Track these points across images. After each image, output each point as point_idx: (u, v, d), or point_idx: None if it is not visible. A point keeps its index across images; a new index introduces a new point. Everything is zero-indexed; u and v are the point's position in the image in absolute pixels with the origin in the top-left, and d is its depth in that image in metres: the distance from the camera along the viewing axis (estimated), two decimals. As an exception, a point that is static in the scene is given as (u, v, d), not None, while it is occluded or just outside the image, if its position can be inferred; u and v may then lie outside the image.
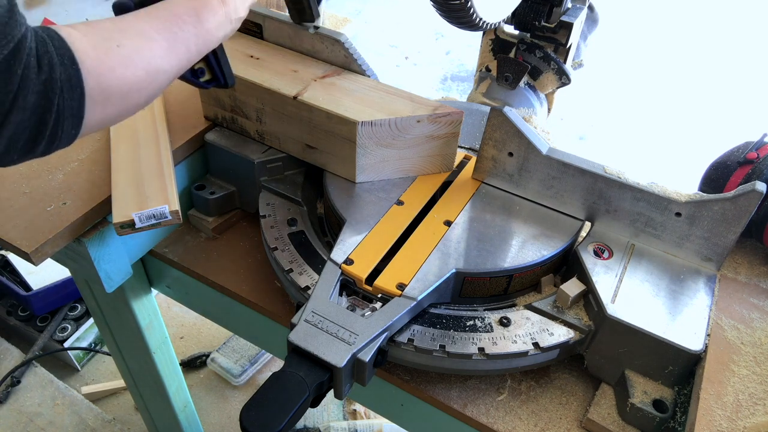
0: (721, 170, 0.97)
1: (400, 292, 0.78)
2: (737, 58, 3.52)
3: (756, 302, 0.86)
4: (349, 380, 0.74)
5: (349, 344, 0.72)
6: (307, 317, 0.75)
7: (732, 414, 0.71)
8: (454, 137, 0.95)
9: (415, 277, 0.80)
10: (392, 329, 0.76)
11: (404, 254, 0.84)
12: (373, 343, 0.73)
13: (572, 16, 0.99)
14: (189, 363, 2.03)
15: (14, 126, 0.55)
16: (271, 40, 1.07)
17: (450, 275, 0.81)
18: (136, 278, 1.10)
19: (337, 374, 0.71)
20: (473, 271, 0.82)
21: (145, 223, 0.90)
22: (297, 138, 0.99)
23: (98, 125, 0.63)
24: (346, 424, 1.85)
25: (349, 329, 0.74)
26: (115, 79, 0.61)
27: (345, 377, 0.72)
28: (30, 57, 0.54)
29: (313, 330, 0.74)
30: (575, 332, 0.80)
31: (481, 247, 0.85)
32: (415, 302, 0.77)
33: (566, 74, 1.06)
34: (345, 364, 0.70)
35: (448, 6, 0.84)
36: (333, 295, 0.79)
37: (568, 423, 0.82)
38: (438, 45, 3.61)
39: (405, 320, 0.78)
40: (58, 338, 1.97)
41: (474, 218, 0.90)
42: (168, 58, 0.66)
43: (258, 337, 1.11)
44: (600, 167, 0.86)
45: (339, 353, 0.71)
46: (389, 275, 0.81)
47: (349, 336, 0.73)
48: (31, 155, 0.60)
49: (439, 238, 0.86)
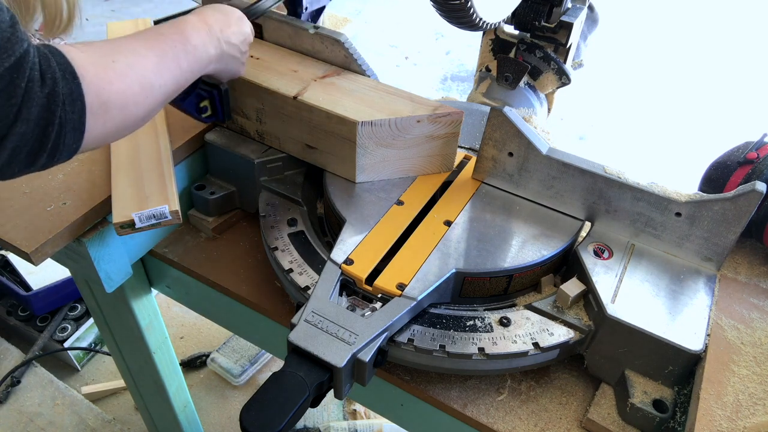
0: (721, 170, 0.97)
1: (400, 292, 0.78)
2: (737, 58, 3.53)
3: (756, 302, 0.86)
4: (349, 380, 0.74)
5: (349, 344, 0.72)
6: (307, 317, 0.75)
7: (732, 414, 0.71)
8: (454, 137, 0.95)
9: (415, 277, 0.80)
10: (392, 329, 0.76)
11: (404, 254, 0.84)
12: (373, 343, 0.73)
13: (572, 16, 0.99)
14: (189, 363, 2.03)
15: (18, 137, 0.57)
16: (271, 40, 1.07)
17: (450, 275, 0.81)
18: (136, 278, 1.10)
19: (337, 374, 0.71)
20: (473, 271, 0.82)
21: (145, 223, 0.90)
22: (297, 138, 0.99)
23: (98, 140, 0.66)
24: (346, 424, 1.85)
25: (349, 329, 0.74)
26: (114, 92, 0.64)
27: (345, 377, 0.72)
28: (33, 71, 0.56)
29: (313, 330, 0.74)
30: (575, 332, 0.80)
31: (481, 247, 0.85)
32: (415, 302, 0.77)
33: (566, 74, 1.06)
34: (345, 364, 0.70)
35: (448, 6, 0.84)
36: (333, 295, 0.79)
37: (568, 423, 0.82)
38: (438, 45, 3.61)
39: (405, 320, 0.78)
40: (58, 338, 1.97)
41: (474, 218, 0.90)
42: (160, 72, 0.71)
43: (258, 337, 1.11)
44: (600, 167, 0.86)
45: (339, 353, 0.71)
46: (389, 275, 0.81)
47: (349, 336, 0.73)
48: (33, 168, 0.62)
49: (439, 238, 0.86)
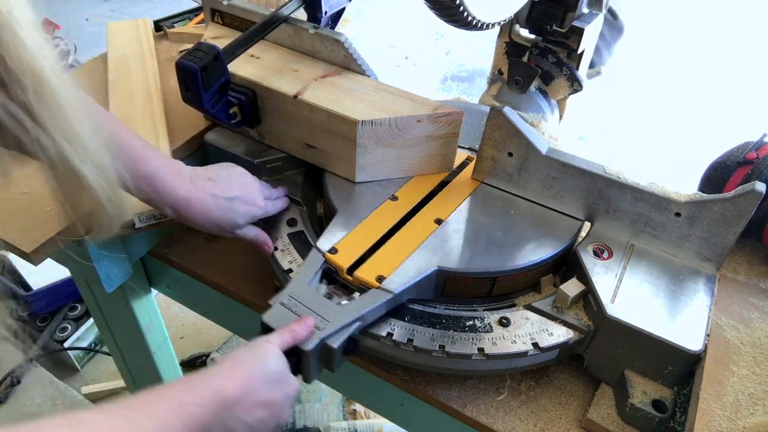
0: (721, 170, 0.97)
1: (379, 285, 0.79)
2: (737, 58, 3.52)
3: (756, 302, 0.86)
4: (317, 365, 0.76)
5: (319, 329, 0.74)
6: (283, 300, 0.77)
7: (732, 414, 0.71)
8: (454, 137, 0.95)
9: (396, 271, 0.81)
10: (365, 320, 0.77)
11: (389, 248, 0.85)
12: (344, 331, 0.75)
13: (584, 21, 0.97)
14: (189, 363, 2.03)
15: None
16: (271, 39, 1.07)
17: (431, 272, 0.81)
18: (136, 278, 1.10)
19: (304, 357, 0.73)
20: (455, 270, 0.82)
21: (144, 223, 0.90)
22: (297, 137, 0.99)
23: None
24: (346, 424, 1.85)
25: (321, 315, 0.75)
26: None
27: (313, 361, 0.74)
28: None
29: (286, 313, 0.76)
30: (575, 332, 0.80)
31: (468, 247, 0.85)
32: (391, 295, 0.78)
33: (578, 81, 1.04)
34: (312, 348, 0.72)
35: (437, 3, 0.83)
36: (314, 282, 0.81)
37: (567, 423, 0.82)
38: (438, 45, 3.61)
39: (380, 312, 0.79)
40: (58, 338, 1.97)
41: (468, 218, 0.90)
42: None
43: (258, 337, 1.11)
44: (600, 167, 0.86)
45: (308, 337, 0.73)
46: (370, 267, 0.82)
47: (321, 322, 0.75)
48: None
49: (427, 236, 0.86)
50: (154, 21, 1.42)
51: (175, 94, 1.11)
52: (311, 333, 0.73)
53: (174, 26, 1.41)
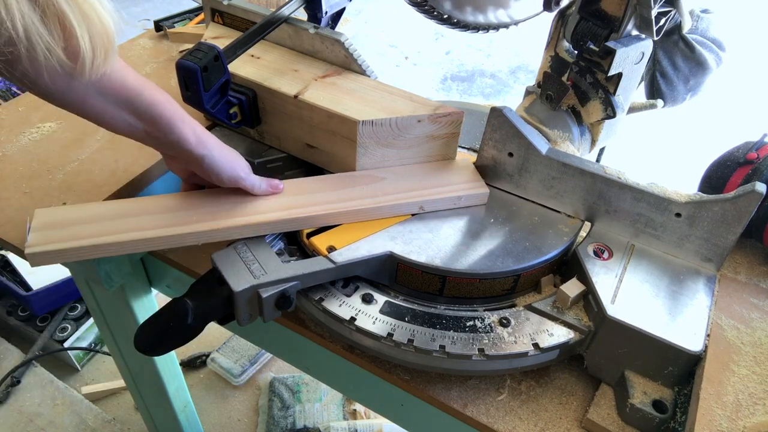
0: (721, 170, 0.97)
1: (327, 254, 0.82)
2: (737, 58, 3.52)
3: (756, 302, 0.86)
4: (247, 311, 0.79)
5: (255, 277, 0.78)
6: (236, 246, 0.83)
7: (732, 414, 0.71)
8: (455, 137, 0.95)
9: (349, 246, 0.83)
10: (304, 282, 0.80)
11: (356, 227, 0.87)
12: (277, 285, 0.78)
13: (620, 43, 0.91)
14: (189, 363, 2.03)
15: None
16: (271, 39, 1.07)
17: (381, 255, 0.83)
18: (136, 278, 1.10)
19: (236, 299, 0.77)
20: (405, 259, 0.83)
21: (145, 223, 0.90)
22: (297, 137, 0.99)
23: None
24: (346, 424, 1.85)
25: (263, 266, 0.79)
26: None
27: (242, 305, 0.78)
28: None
29: (234, 256, 0.81)
30: (575, 333, 0.80)
31: (430, 240, 0.86)
32: (333, 266, 0.80)
33: (612, 106, 0.97)
34: (241, 291, 0.76)
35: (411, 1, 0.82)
36: (272, 238, 0.86)
37: (568, 423, 0.82)
38: (438, 45, 3.61)
39: (321, 279, 0.82)
40: (58, 338, 1.97)
41: (451, 213, 0.91)
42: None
43: (257, 337, 1.11)
44: (600, 167, 0.86)
45: (241, 280, 0.77)
46: (327, 237, 0.85)
47: (259, 270, 0.79)
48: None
49: (395, 222, 0.88)
50: (154, 21, 1.42)
51: (175, 94, 1.11)
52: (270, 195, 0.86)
53: (174, 26, 1.42)
